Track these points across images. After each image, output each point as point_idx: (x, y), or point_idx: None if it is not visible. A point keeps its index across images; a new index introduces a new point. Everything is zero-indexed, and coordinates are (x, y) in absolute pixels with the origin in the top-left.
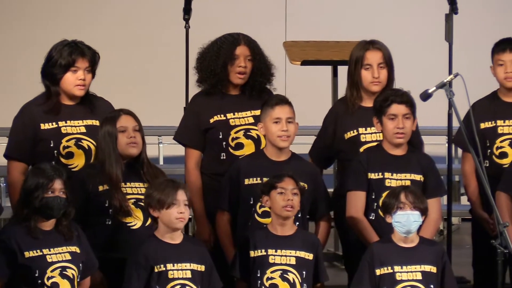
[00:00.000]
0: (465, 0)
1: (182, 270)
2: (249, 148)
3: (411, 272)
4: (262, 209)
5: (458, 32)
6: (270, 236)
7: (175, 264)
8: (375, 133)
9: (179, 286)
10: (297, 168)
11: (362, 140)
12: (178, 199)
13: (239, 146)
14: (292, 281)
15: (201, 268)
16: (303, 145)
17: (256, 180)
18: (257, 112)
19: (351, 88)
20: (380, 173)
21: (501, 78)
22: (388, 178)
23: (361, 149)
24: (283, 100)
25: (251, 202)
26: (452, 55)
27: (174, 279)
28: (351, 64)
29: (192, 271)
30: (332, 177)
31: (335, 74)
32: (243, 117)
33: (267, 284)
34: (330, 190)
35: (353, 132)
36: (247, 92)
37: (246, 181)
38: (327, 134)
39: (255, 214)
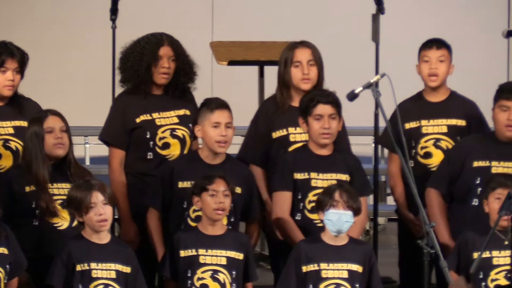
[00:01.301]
0: (392, 1)
1: (106, 270)
2: (175, 147)
3: (338, 270)
4: (196, 213)
5: (385, 32)
6: (201, 236)
7: (99, 264)
8: (305, 133)
9: (103, 286)
10: (232, 171)
11: (292, 140)
12: (94, 201)
13: (166, 145)
14: (222, 281)
15: (127, 269)
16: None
17: (190, 183)
18: (181, 112)
19: (281, 88)
20: (306, 173)
21: (425, 74)
22: (314, 178)
23: (290, 149)
24: (223, 105)
25: (185, 206)
26: (379, 55)
27: (97, 278)
28: (281, 64)
29: (117, 271)
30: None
31: (261, 74)
32: (168, 117)
33: (197, 284)
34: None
35: (282, 132)
36: (170, 92)
37: (180, 184)
38: (260, 133)
39: (188, 218)
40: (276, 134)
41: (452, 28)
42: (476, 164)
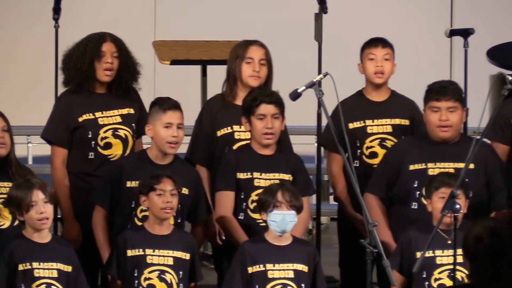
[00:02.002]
0: (335, 0)
1: (48, 269)
2: (117, 147)
3: (283, 270)
4: (143, 213)
5: (328, 32)
6: (148, 235)
7: (41, 263)
8: (249, 131)
9: (45, 285)
10: (180, 172)
11: (236, 137)
12: (35, 200)
13: (108, 145)
14: (169, 282)
15: (68, 268)
16: None
17: (139, 183)
18: (124, 111)
19: (229, 84)
20: (249, 173)
21: (370, 72)
22: (257, 178)
23: (235, 147)
24: (175, 106)
25: (132, 206)
26: (322, 54)
27: (39, 277)
28: (232, 60)
29: (59, 270)
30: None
31: (204, 73)
32: (111, 116)
33: (144, 284)
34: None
35: (227, 129)
36: (113, 91)
37: (128, 184)
38: (204, 133)
39: (135, 218)
40: (220, 132)
41: (395, 27)
42: (412, 167)
